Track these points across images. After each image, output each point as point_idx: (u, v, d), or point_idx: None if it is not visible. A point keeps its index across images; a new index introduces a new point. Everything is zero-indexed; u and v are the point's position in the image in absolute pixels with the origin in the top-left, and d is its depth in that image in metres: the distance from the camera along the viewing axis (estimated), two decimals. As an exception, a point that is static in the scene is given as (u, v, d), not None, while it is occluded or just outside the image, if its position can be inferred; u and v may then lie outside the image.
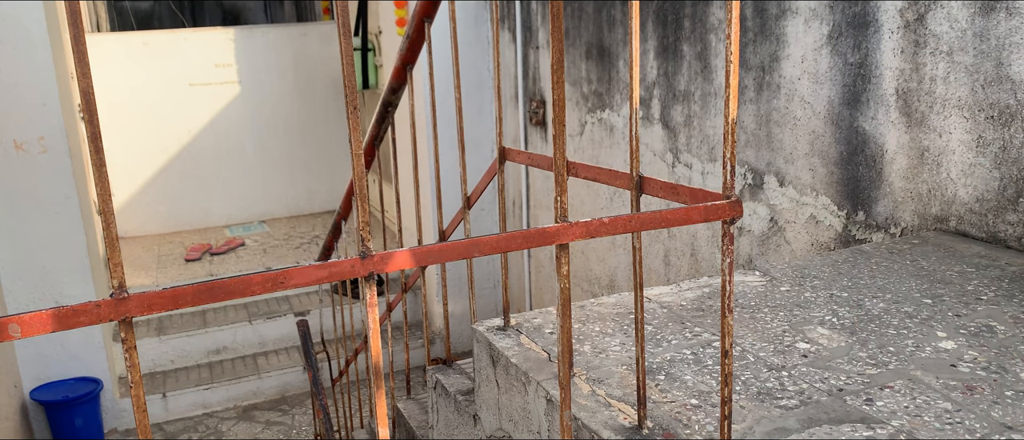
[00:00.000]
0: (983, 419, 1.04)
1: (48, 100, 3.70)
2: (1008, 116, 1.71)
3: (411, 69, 1.93)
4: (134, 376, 0.66)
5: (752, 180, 2.52)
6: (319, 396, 3.01)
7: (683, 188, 0.90)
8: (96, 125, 0.62)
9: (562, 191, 0.84)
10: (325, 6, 7.30)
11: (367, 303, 0.74)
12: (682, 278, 2.98)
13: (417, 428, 2.17)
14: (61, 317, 0.62)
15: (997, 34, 1.72)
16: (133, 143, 5.78)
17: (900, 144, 1.98)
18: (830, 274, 1.61)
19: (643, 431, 1.04)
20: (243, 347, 4.64)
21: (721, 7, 2.59)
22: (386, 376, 4.44)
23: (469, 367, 1.77)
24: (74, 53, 0.61)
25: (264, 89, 6.10)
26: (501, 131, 1.49)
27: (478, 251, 0.78)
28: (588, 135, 3.54)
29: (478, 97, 4.37)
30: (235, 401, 4.37)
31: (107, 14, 7.71)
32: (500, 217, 1.55)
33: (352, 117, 0.69)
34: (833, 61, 2.15)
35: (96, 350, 4.04)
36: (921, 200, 1.95)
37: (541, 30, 3.90)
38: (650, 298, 1.52)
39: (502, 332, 1.41)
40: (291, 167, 6.32)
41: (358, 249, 0.71)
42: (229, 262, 5.34)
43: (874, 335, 1.31)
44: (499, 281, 4.70)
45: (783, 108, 2.35)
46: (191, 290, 0.66)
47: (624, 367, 1.23)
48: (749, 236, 2.58)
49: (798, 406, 1.09)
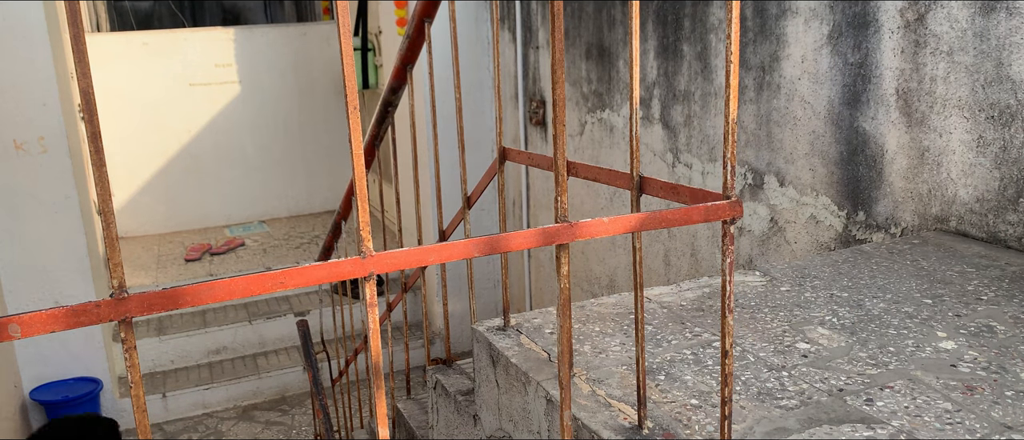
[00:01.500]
0: (983, 419, 1.04)
1: (48, 100, 3.70)
2: (1008, 116, 1.71)
3: (411, 69, 1.93)
4: (134, 376, 0.66)
5: (752, 180, 2.52)
6: (319, 396, 3.01)
7: (683, 188, 0.90)
8: (96, 125, 0.62)
9: (562, 191, 0.84)
10: (325, 6, 7.31)
11: (367, 303, 0.74)
12: (682, 278, 2.98)
13: (417, 428, 2.17)
14: (61, 317, 0.62)
15: (997, 34, 1.72)
16: (133, 143, 5.78)
17: (900, 144, 1.98)
18: (830, 274, 1.61)
19: (643, 431, 1.04)
20: (243, 347, 4.64)
21: (721, 7, 2.59)
22: (386, 376, 4.44)
23: (469, 367, 1.77)
24: (74, 53, 0.61)
25: (264, 89, 6.10)
26: (501, 131, 1.49)
27: (478, 251, 0.78)
28: (588, 135, 3.54)
29: (478, 97, 4.37)
30: (235, 401, 4.37)
31: (107, 14, 7.71)
32: (500, 217, 1.54)
33: (352, 117, 0.69)
34: (833, 61, 2.15)
35: (96, 350, 4.04)
36: (921, 200, 1.95)
37: (541, 30, 3.90)
38: (650, 298, 1.52)
39: (502, 332, 1.41)
40: (291, 167, 6.32)
41: (358, 249, 0.71)
42: (229, 262, 5.34)
43: (874, 335, 1.31)
44: (499, 281, 4.70)
45: (783, 108, 2.35)
46: (191, 290, 0.66)
47: (624, 367, 1.23)
48: (749, 236, 2.58)
49: (798, 406, 1.09)
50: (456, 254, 0.77)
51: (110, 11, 8.05)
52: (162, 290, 0.65)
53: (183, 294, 0.66)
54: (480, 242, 0.78)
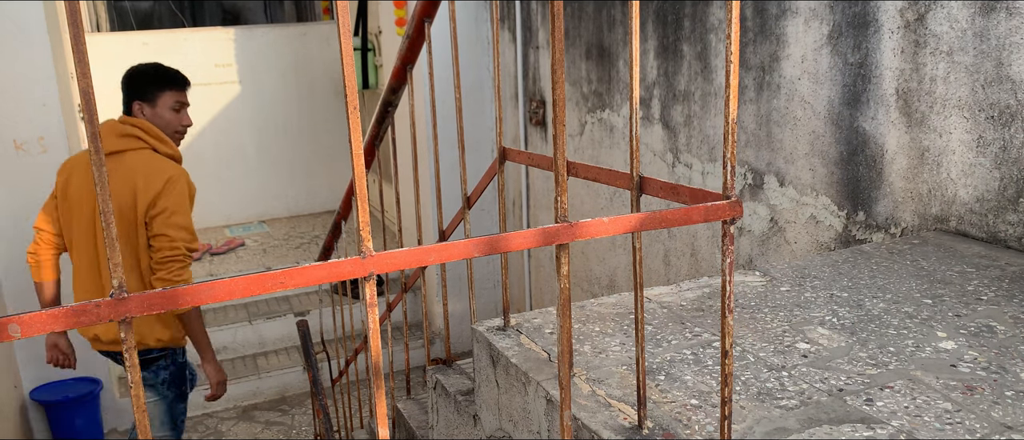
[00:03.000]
0: (983, 419, 1.04)
1: (48, 100, 3.70)
2: (1008, 116, 1.71)
3: (411, 69, 1.93)
4: (134, 376, 0.66)
5: (752, 180, 2.52)
6: (319, 396, 3.01)
7: (683, 188, 0.90)
8: (96, 125, 0.62)
9: (562, 191, 0.84)
10: (325, 6, 7.30)
11: (367, 303, 0.74)
12: (682, 278, 2.98)
13: (417, 428, 2.17)
14: (61, 317, 0.62)
15: (997, 34, 1.72)
16: (133, 143, 5.77)
17: (900, 144, 1.98)
18: (830, 274, 1.61)
19: (643, 431, 1.04)
20: (243, 347, 4.64)
21: (721, 7, 2.58)
22: (386, 376, 4.44)
23: (469, 367, 1.77)
24: (74, 53, 0.61)
25: (264, 89, 6.10)
26: (501, 131, 1.49)
27: (478, 251, 0.78)
28: (588, 135, 3.54)
29: (478, 97, 4.37)
30: (235, 401, 4.37)
31: (107, 14, 7.72)
32: (500, 217, 1.54)
33: (352, 117, 0.69)
34: (833, 61, 2.15)
35: (96, 350, 4.03)
36: (921, 200, 1.95)
37: (541, 30, 3.90)
38: (650, 298, 1.52)
39: (502, 332, 1.41)
40: (291, 167, 6.32)
41: (358, 249, 0.71)
42: (229, 262, 5.34)
43: (874, 335, 1.31)
44: (499, 281, 4.70)
45: (783, 108, 2.35)
46: (191, 290, 0.66)
47: (624, 367, 1.23)
48: (749, 236, 2.58)
49: (798, 406, 1.09)
50: (456, 254, 0.77)
51: (110, 11, 8.05)
52: (162, 290, 0.65)
53: (183, 294, 0.66)
54: (480, 242, 0.78)
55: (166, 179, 2.60)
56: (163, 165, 2.65)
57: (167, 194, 2.59)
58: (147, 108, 2.75)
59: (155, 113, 2.75)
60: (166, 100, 2.77)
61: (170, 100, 2.77)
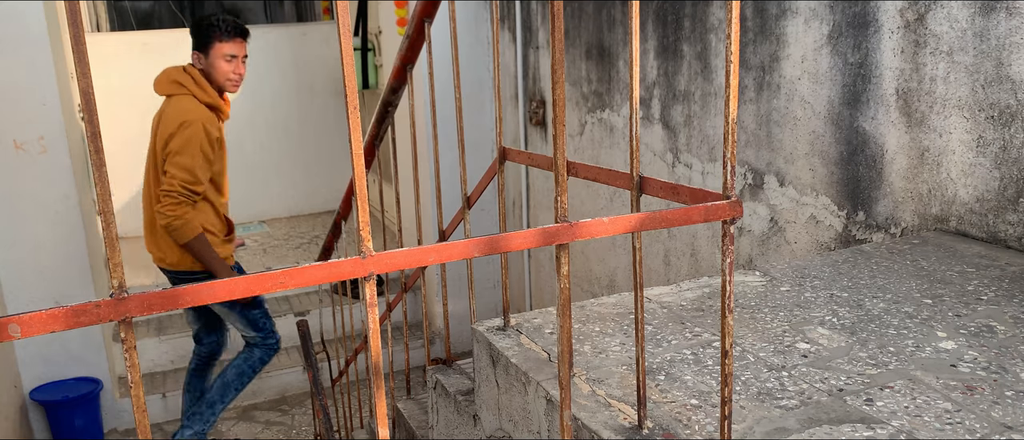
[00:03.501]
0: (983, 419, 1.04)
1: (48, 100, 3.69)
2: (1008, 116, 1.71)
3: (411, 69, 1.93)
4: (134, 376, 0.66)
5: (752, 180, 2.52)
6: (319, 396, 3.01)
7: (683, 188, 0.90)
8: (96, 125, 0.62)
9: (562, 191, 0.84)
10: (325, 6, 7.30)
11: (367, 303, 0.74)
12: (682, 278, 2.98)
13: (417, 428, 2.17)
14: (61, 317, 0.62)
15: (997, 34, 1.72)
16: (133, 143, 5.77)
17: (900, 144, 1.98)
18: (830, 274, 1.61)
19: (643, 431, 1.04)
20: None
21: (721, 7, 2.58)
22: (386, 376, 4.44)
23: (469, 367, 1.77)
24: (74, 53, 0.61)
25: (264, 89, 6.09)
26: (501, 131, 1.49)
27: (478, 251, 0.78)
28: (588, 135, 3.54)
29: (478, 97, 4.37)
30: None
31: (107, 14, 7.71)
32: (500, 217, 1.55)
33: (352, 117, 0.69)
34: (833, 61, 2.15)
35: (96, 350, 4.03)
36: (921, 200, 1.95)
37: (541, 30, 3.90)
38: (650, 298, 1.52)
39: (502, 332, 1.41)
40: (291, 167, 6.31)
41: (358, 249, 0.71)
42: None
43: (874, 335, 1.31)
44: (499, 281, 4.70)
45: (783, 108, 2.35)
46: (191, 290, 0.66)
47: (624, 367, 1.23)
48: (749, 236, 2.58)
49: (798, 406, 1.09)
50: (456, 254, 0.77)
51: (110, 11, 8.04)
52: (162, 290, 0.65)
53: (183, 294, 0.66)
54: (480, 242, 0.78)
55: (181, 122, 2.85)
56: (187, 109, 2.90)
57: (178, 136, 2.85)
58: (202, 58, 3.01)
59: (209, 62, 3.00)
60: (219, 50, 2.99)
61: (223, 50, 2.99)
